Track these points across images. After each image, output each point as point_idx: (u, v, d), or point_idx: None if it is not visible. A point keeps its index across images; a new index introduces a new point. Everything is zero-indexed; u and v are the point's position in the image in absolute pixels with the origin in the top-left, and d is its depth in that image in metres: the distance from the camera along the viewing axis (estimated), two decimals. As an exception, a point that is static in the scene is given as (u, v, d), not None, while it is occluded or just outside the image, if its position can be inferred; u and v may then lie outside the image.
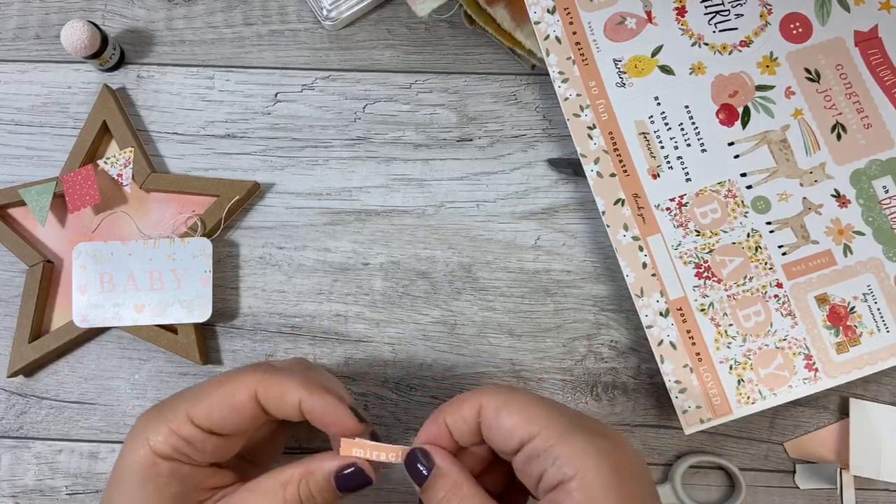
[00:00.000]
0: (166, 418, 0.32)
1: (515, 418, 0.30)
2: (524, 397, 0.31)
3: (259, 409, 0.33)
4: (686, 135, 0.43)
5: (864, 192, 0.42)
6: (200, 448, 0.32)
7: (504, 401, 0.31)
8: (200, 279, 0.45)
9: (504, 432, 0.30)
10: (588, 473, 0.28)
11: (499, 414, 0.30)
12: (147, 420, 0.33)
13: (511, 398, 0.31)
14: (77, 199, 0.45)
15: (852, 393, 0.45)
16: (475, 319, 0.46)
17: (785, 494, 0.44)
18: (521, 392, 0.31)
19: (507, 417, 0.30)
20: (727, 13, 0.44)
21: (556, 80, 0.44)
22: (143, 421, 0.33)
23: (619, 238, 0.43)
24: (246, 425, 0.33)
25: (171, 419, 0.32)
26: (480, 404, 0.31)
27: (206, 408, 0.32)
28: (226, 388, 0.33)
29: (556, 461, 0.28)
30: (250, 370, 0.33)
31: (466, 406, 0.31)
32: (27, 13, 0.49)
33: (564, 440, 0.29)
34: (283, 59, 0.49)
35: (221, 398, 0.32)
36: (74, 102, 0.48)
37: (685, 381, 0.41)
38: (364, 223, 0.47)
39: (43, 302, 0.46)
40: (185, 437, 0.32)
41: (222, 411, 0.32)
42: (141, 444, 0.32)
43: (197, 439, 0.32)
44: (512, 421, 0.30)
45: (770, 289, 0.42)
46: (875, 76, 0.43)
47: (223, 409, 0.32)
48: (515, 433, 0.30)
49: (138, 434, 0.32)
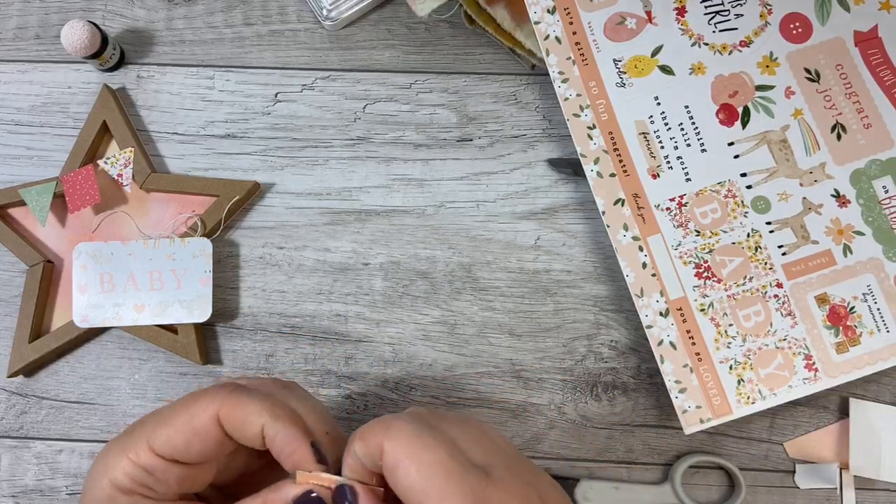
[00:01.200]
0: (126, 448, 0.30)
1: (411, 480, 0.27)
2: (429, 457, 0.27)
3: (223, 434, 0.30)
4: (686, 135, 0.43)
5: (864, 192, 0.42)
6: (163, 478, 0.30)
7: (406, 453, 0.27)
8: (200, 279, 0.45)
9: (399, 488, 0.28)
10: None
11: (396, 468, 0.28)
12: (108, 450, 0.31)
13: (415, 454, 0.27)
14: (77, 199, 0.45)
15: (852, 393, 0.45)
16: (475, 319, 0.46)
17: (785, 494, 0.44)
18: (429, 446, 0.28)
19: (403, 476, 0.27)
20: (727, 13, 0.44)
21: (556, 80, 0.44)
22: (105, 451, 0.31)
23: (619, 238, 0.43)
24: (212, 452, 0.31)
25: (130, 448, 0.30)
26: (382, 448, 0.28)
27: (167, 434, 0.30)
28: (188, 412, 0.30)
29: None
30: (214, 391, 0.31)
31: (371, 444, 0.28)
32: (27, 13, 0.49)
33: None
34: (283, 59, 0.49)
35: (183, 423, 0.30)
36: (74, 102, 0.48)
37: (685, 381, 0.41)
38: (364, 223, 0.47)
39: (43, 302, 0.46)
40: (144, 466, 0.30)
41: (184, 436, 0.30)
42: (101, 476, 0.30)
43: (158, 469, 0.30)
44: (407, 482, 0.27)
45: (770, 289, 0.42)
46: (875, 76, 0.43)
47: (185, 434, 0.30)
48: (410, 495, 0.27)
49: (99, 466, 0.30)
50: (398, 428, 0.28)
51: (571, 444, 0.45)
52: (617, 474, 0.45)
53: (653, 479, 0.45)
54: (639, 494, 0.44)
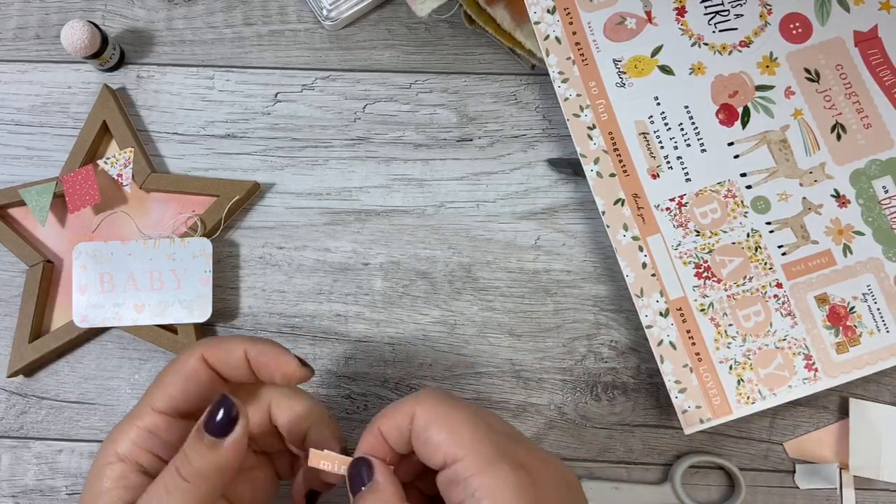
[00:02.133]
0: (132, 416, 0.32)
1: (443, 436, 0.29)
2: (457, 415, 0.30)
3: (212, 373, 0.33)
4: (686, 135, 0.43)
5: (864, 192, 0.42)
6: (167, 438, 0.32)
7: (435, 415, 0.30)
8: (200, 279, 0.45)
9: (430, 448, 0.29)
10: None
11: (428, 428, 0.29)
12: (115, 427, 0.33)
13: (443, 413, 0.30)
14: (77, 199, 0.45)
15: (852, 393, 0.45)
16: (475, 319, 0.46)
17: (785, 494, 0.44)
18: (456, 408, 0.30)
19: (435, 433, 0.29)
20: (727, 13, 0.44)
21: (556, 80, 0.44)
22: (113, 429, 0.33)
23: (618, 238, 0.43)
24: (207, 394, 0.33)
25: (135, 416, 0.32)
26: (413, 413, 0.30)
27: (163, 389, 0.32)
28: (175, 364, 0.33)
29: (474, 493, 0.28)
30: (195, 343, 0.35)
31: (400, 414, 0.31)
32: (27, 13, 0.49)
33: (486, 472, 0.28)
34: (283, 59, 0.49)
35: (174, 373, 0.33)
36: (74, 102, 0.48)
37: (685, 381, 0.41)
38: (364, 223, 0.47)
39: (43, 302, 0.46)
40: (148, 427, 0.32)
41: (177, 384, 0.32)
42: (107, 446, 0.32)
43: (161, 426, 0.32)
44: (439, 438, 0.29)
45: (770, 289, 0.42)
46: (875, 76, 0.43)
47: (177, 382, 0.32)
48: (440, 452, 0.29)
49: (107, 439, 0.32)
50: (426, 394, 0.31)
51: (571, 444, 0.45)
52: (617, 474, 0.45)
53: (653, 479, 0.45)
54: (639, 494, 0.44)
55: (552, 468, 0.30)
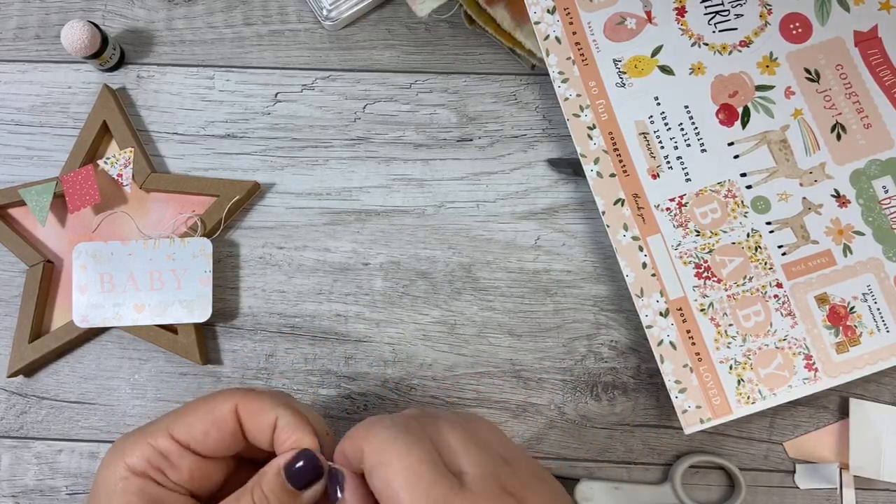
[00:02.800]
0: (146, 434, 0.32)
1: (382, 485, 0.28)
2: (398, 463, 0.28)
3: (238, 426, 0.33)
4: (686, 135, 0.43)
5: (864, 192, 0.42)
6: (177, 464, 0.32)
7: (378, 461, 0.29)
8: (200, 279, 0.45)
9: (375, 490, 0.29)
10: None
11: (371, 473, 0.29)
12: (125, 438, 0.33)
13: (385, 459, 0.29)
14: (77, 199, 0.45)
15: (852, 393, 0.45)
16: (475, 319, 0.46)
17: (785, 494, 0.44)
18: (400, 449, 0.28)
19: (377, 481, 0.29)
20: (727, 13, 0.44)
21: (556, 80, 0.44)
22: (122, 439, 0.33)
23: (618, 238, 0.43)
24: (227, 444, 0.33)
25: (150, 434, 0.32)
26: (362, 452, 0.30)
27: (187, 422, 0.32)
28: (208, 403, 0.33)
29: None
30: (232, 388, 0.34)
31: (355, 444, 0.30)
32: (27, 13, 0.49)
33: None
34: (283, 59, 0.49)
35: (203, 413, 0.32)
36: (74, 102, 0.48)
37: (685, 381, 0.41)
38: (364, 223, 0.47)
39: (43, 302, 0.46)
40: (161, 449, 0.32)
41: (204, 425, 0.32)
42: (117, 460, 0.32)
43: (174, 453, 0.32)
44: (380, 486, 0.29)
45: (770, 289, 0.42)
46: (875, 76, 0.43)
47: (204, 422, 0.32)
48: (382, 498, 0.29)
49: (115, 451, 0.32)
50: (376, 433, 0.29)
51: (571, 444, 0.45)
52: (617, 474, 0.45)
53: (653, 479, 0.45)
54: (639, 494, 0.44)
55: None
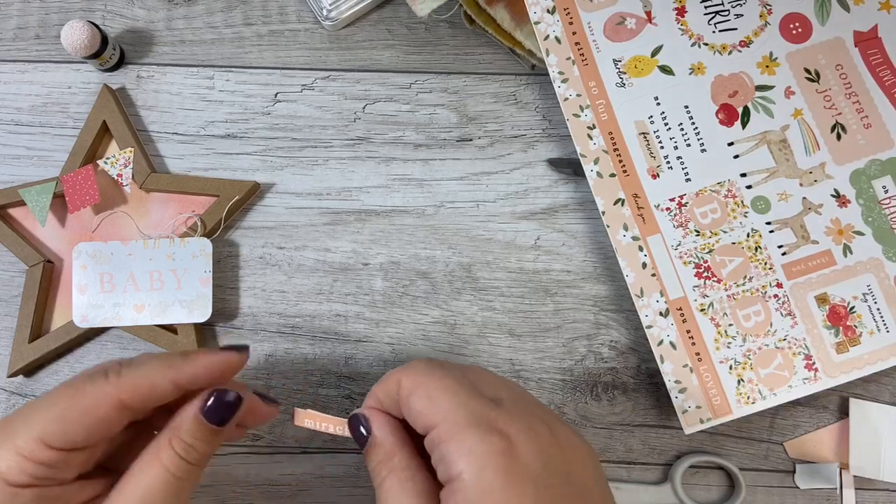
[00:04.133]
0: (15, 443, 0.29)
1: (422, 404, 0.29)
2: (437, 382, 0.29)
3: (126, 413, 0.30)
4: (686, 135, 0.43)
5: (864, 192, 0.42)
6: (65, 466, 0.30)
7: (416, 383, 0.30)
8: (200, 279, 0.45)
9: (413, 416, 0.30)
10: (469, 476, 0.27)
11: (410, 396, 0.30)
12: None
13: (424, 381, 0.30)
14: (77, 199, 0.45)
15: (852, 393, 0.45)
16: (475, 319, 0.46)
17: (785, 494, 0.44)
18: (437, 374, 0.30)
19: (416, 401, 0.29)
20: (727, 13, 0.44)
21: (556, 80, 0.44)
22: None
23: (618, 238, 0.43)
24: (116, 429, 0.31)
25: (21, 444, 0.29)
26: (399, 382, 0.30)
27: (62, 427, 0.29)
28: (82, 404, 0.30)
29: (444, 457, 0.28)
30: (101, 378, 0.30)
31: (390, 381, 0.31)
32: (27, 13, 0.49)
33: (456, 438, 0.28)
34: (283, 59, 0.49)
35: (80, 415, 0.29)
36: (74, 102, 0.48)
37: (685, 381, 0.41)
38: (364, 223, 0.47)
39: (43, 302, 0.46)
40: (43, 461, 0.29)
41: (81, 426, 0.29)
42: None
43: (60, 461, 0.29)
44: (419, 406, 0.29)
45: (770, 289, 0.42)
46: (875, 76, 0.43)
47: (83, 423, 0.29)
48: (420, 419, 0.29)
49: None
50: (413, 364, 0.31)
51: (571, 444, 0.45)
52: (617, 474, 0.45)
53: (653, 479, 0.45)
54: (639, 494, 0.44)
55: (541, 436, 0.28)
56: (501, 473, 0.27)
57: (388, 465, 0.30)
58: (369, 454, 0.31)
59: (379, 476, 0.30)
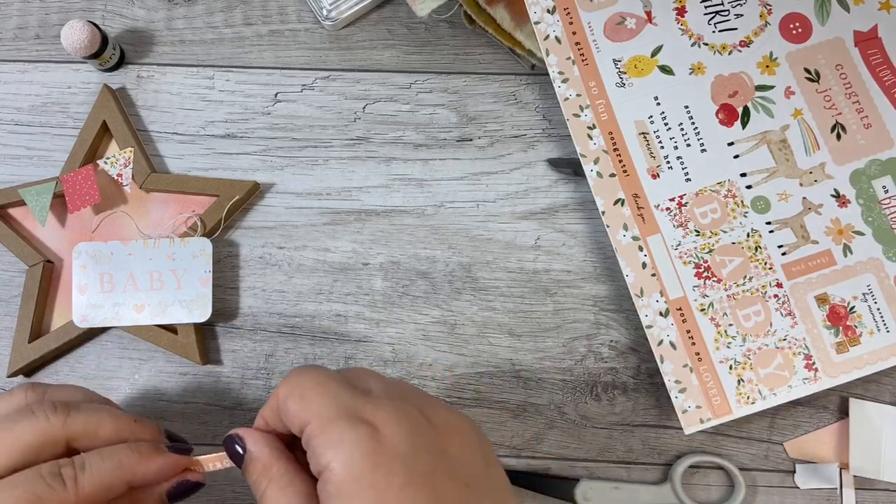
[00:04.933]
0: None
1: (296, 405, 0.29)
2: (309, 382, 0.30)
3: None
4: (686, 135, 0.43)
5: (864, 192, 0.42)
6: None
7: (291, 387, 0.30)
8: (200, 279, 0.45)
9: (289, 419, 0.30)
10: (337, 465, 0.27)
11: (285, 401, 0.30)
12: None
13: (298, 383, 0.30)
14: (77, 199, 0.45)
15: (852, 393, 0.45)
16: (475, 319, 0.46)
17: (785, 494, 0.44)
18: (310, 374, 0.30)
19: (290, 404, 0.29)
20: (727, 13, 0.44)
21: (556, 80, 0.44)
22: None
23: (618, 238, 0.43)
24: None
25: None
26: (277, 393, 0.30)
27: None
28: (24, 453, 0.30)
29: (314, 451, 0.28)
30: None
31: (272, 397, 0.31)
32: (27, 13, 0.49)
33: (325, 430, 0.28)
34: (283, 59, 0.49)
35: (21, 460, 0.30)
36: (74, 102, 0.48)
37: (685, 381, 0.41)
38: (364, 223, 0.47)
39: (43, 302, 0.46)
40: None
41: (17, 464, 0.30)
42: None
43: None
44: (293, 408, 0.29)
45: (770, 289, 0.42)
46: (875, 76, 0.43)
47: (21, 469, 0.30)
48: (295, 421, 0.29)
49: None
50: (293, 371, 0.31)
51: (571, 444, 0.45)
52: (617, 474, 0.45)
53: (653, 479, 0.45)
54: (639, 494, 0.44)
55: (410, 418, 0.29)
56: (369, 457, 0.27)
57: (266, 475, 0.30)
58: (248, 470, 0.31)
59: (259, 488, 0.30)
